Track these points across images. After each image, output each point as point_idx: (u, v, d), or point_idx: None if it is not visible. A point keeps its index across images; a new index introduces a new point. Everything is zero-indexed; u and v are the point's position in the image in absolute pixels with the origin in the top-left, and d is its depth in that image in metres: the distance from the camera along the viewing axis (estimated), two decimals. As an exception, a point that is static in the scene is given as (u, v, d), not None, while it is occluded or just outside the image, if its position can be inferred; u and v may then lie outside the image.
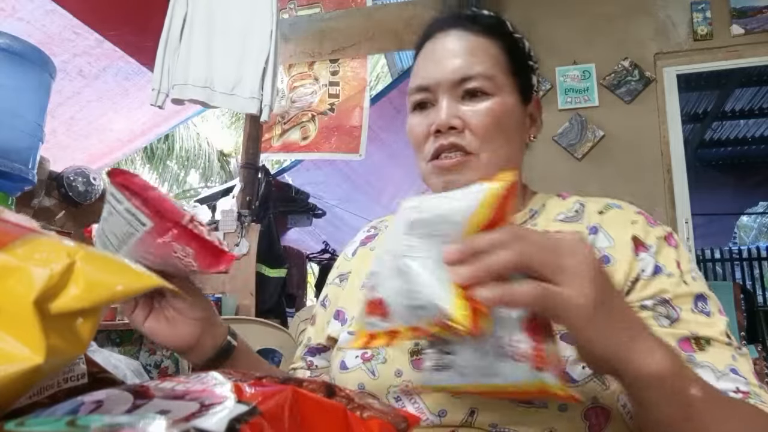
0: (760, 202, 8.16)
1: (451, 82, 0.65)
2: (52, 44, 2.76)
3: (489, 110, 0.65)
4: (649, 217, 0.65)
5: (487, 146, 0.65)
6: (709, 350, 0.56)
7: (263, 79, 2.68)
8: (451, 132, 0.64)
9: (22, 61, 1.98)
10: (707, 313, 0.58)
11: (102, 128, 3.51)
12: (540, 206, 0.71)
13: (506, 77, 0.67)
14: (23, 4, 2.59)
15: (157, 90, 2.64)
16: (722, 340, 0.56)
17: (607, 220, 0.65)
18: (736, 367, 0.54)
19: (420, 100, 0.68)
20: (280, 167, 4.97)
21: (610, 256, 0.61)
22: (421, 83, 0.68)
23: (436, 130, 0.65)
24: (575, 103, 3.04)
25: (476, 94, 0.65)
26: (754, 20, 2.85)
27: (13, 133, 1.97)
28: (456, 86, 0.65)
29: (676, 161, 2.84)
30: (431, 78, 0.67)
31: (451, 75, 0.65)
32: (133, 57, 3.12)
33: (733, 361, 0.55)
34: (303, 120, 3.63)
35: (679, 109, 2.93)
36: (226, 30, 2.75)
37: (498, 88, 0.66)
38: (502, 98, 0.66)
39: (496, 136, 0.65)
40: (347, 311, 0.73)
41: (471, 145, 0.64)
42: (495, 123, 0.65)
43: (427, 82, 0.67)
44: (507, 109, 0.66)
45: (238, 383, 0.27)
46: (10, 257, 0.25)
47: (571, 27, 3.12)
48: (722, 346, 0.56)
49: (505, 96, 0.66)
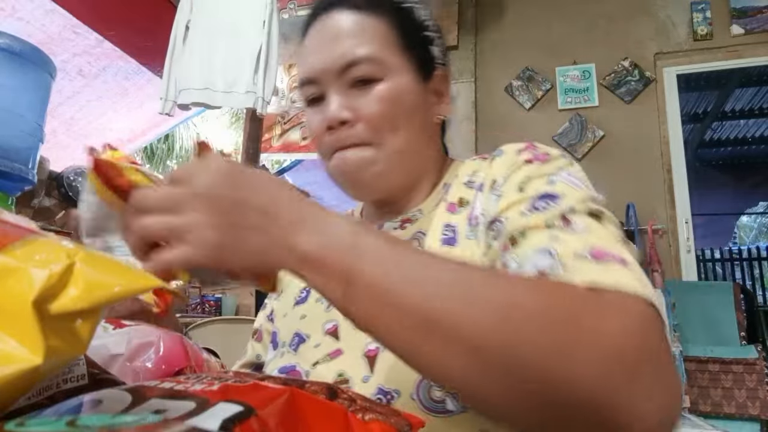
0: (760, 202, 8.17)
1: (335, 71, 0.59)
2: (52, 44, 2.76)
3: (380, 97, 0.58)
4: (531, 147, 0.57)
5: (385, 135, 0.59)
6: (522, 243, 0.45)
7: (256, 72, 2.69)
8: (343, 127, 0.59)
9: (22, 61, 1.98)
10: (541, 207, 0.47)
11: (102, 128, 3.51)
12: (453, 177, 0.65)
13: (397, 56, 0.60)
14: (23, 4, 2.59)
15: (164, 98, 2.67)
16: (546, 224, 0.45)
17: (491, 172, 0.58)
18: (552, 248, 0.42)
19: (311, 95, 0.62)
20: (280, 167, 4.97)
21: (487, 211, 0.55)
22: (306, 75, 0.62)
23: (328, 126, 0.59)
24: (575, 103, 3.04)
25: (365, 80, 0.59)
26: (754, 20, 2.85)
27: (13, 133, 1.97)
28: (341, 74, 0.59)
29: (676, 161, 2.85)
30: (315, 69, 0.61)
31: (333, 63, 0.59)
32: (133, 57, 3.12)
33: (550, 242, 0.42)
34: (303, 120, 3.63)
35: (679, 109, 2.94)
36: (224, 29, 2.76)
37: (388, 70, 0.59)
38: (395, 80, 0.59)
39: (393, 123, 0.59)
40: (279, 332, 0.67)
41: (367, 137, 0.59)
42: (389, 109, 0.59)
43: (312, 73, 0.61)
44: (401, 91, 0.60)
45: (237, 384, 0.27)
46: (9, 258, 0.25)
47: (571, 27, 3.12)
48: (542, 230, 0.44)
49: (397, 77, 0.60)
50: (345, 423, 0.28)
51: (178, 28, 2.76)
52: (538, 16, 3.21)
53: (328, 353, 0.57)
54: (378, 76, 0.59)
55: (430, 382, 0.48)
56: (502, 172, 0.55)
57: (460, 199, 0.60)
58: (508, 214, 0.49)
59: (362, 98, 0.59)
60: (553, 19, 3.17)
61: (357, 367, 0.54)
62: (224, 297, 3.04)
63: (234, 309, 3.04)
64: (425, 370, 0.35)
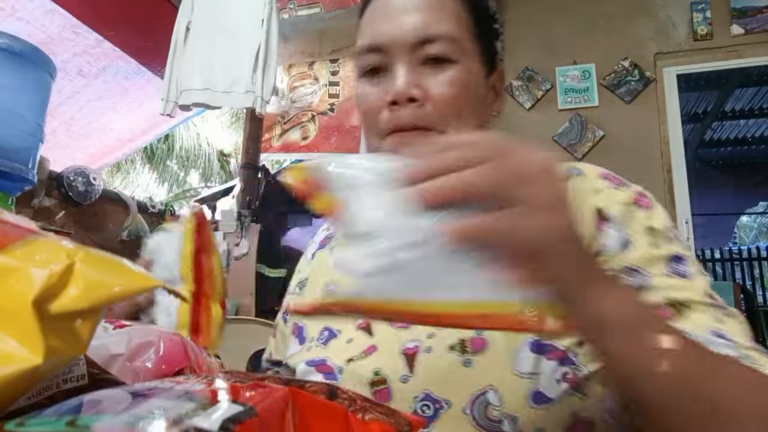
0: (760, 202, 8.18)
1: (409, 43, 0.55)
2: (52, 44, 2.76)
3: (453, 80, 0.55)
4: (615, 178, 0.58)
5: (452, 122, 0.55)
6: (689, 315, 0.47)
7: (255, 71, 2.69)
8: (410, 104, 0.54)
9: (22, 61, 1.98)
10: (684, 274, 0.50)
11: (102, 128, 3.51)
12: None
13: (471, 41, 0.57)
14: (23, 4, 2.59)
15: (165, 99, 2.68)
16: (703, 301, 0.48)
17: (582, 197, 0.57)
18: (722, 330, 0.45)
19: (372, 64, 0.57)
20: (280, 167, 4.97)
21: None
22: (372, 42, 0.57)
23: (392, 101, 0.55)
24: (575, 103, 3.04)
25: (439, 60, 0.55)
26: (754, 20, 2.85)
27: (13, 133, 1.97)
28: (415, 49, 0.55)
29: (676, 161, 2.85)
30: (385, 37, 0.56)
31: (409, 35, 0.55)
32: (133, 57, 3.12)
33: (717, 324, 0.46)
34: (303, 120, 3.63)
35: (679, 109, 2.94)
36: (224, 29, 2.76)
37: (463, 54, 0.56)
38: (467, 66, 0.56)
39: (462, 111, 0.56)
40: (306, 327, 0.64)
41: (433, 121, 0.55)
42: (460, 95, 0.55)
43: (381, 41, 0.56)
44: (471, 79, 0.57)
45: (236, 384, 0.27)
46: (9, 258, 0.25)
47: (571, 27, 3.12)
48: (704, 308, 0.47)
49: (468, 63, 0.57)
50: (345, 423, 0.28)
51: (179, 29, 2.76)
52: (538, 16, 3.21)
53: (363, 350, 0.55)
54: (453, 58, 0.55)
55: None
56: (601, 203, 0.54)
57: None
58: (651, 271, 0.50)
59: (433, 78, 0.55)
60: (553, 19, 3.17)
61: (394, 364, 0.52)
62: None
63: (234, 309, 3.04)
64: None
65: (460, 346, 0.51)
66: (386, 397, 0.52)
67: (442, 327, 0.48)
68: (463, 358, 0.50)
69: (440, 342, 0.52)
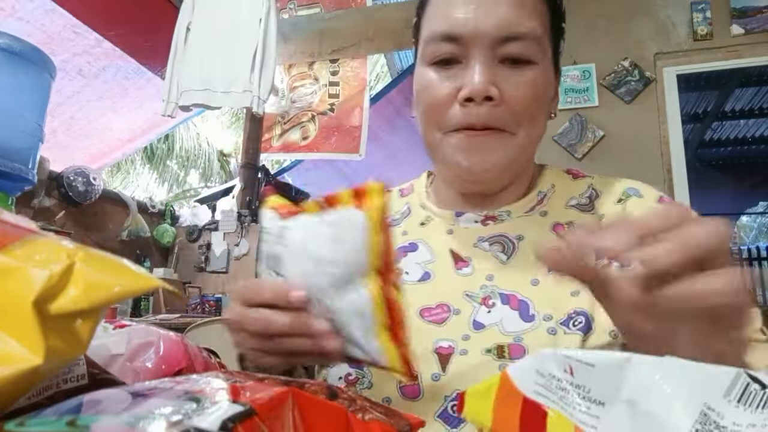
0: (760, 202, 8.17)
1: (492, 38, 0.51)
2: (52, 44, 2.76)
3: (533, 83, 0.52)
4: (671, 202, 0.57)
5: (526, 126, 0.53)
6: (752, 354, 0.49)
7: (253, 71, 2.70)
8: (486, 103, 0.51)
9: (22, 61, 1.98)
10: None
11: (102, 128, 3.51)
12: (549, 187, 0.61)
13: (548, 43, 0.56)
14: (23, 4, 2.59)
15: (166, 100, 2.68)
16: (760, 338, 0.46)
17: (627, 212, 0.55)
18: None
19: (446, 54, 0.53)
20: (280, 167, 4.97)
21: None
22: (450, 30, 0.52)
23: (468, 98, 0.51)
24: (575, 103, 3.04)
25: (518, 60, 0.52)
26: (754, 20, 2.85)
27: (13, 133, 1.97)
28: (496, 45, 0.51)
29: (676, 161, 2.85)
30: (467, 27, 0.51)
31: (493, 29, 0.51)
32: (133, 57, 3.12)
33: None
34: (303, 120, 3.63)
35: (679, 109, 2.94)
36: (224, 30, 2.76)
37: (543, 56, 0.54)
38: (545, 68, 0.54)
39: (535, 114, 0.54)
40: None
41: (506, 123, 0.52)
42: (535, 98, 0.53)
43: (461, 30, 0.52)
44: (547, 82, 0.55)
45: (236, 384, 0.27)
46: (9, 258, 0.25)
47: (571, 27, 3.10)
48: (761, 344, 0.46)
49: (546, 65, 0.55)
50: (345, 423, 0.28)
51: (180, 29, 2.77)
52: (538, 16, 3.21)
53: None
54: (534, 59, 0.53)
55: None
56: None
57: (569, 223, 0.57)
58: None
59: (512, 79, 0.52)
60: (553, 19, 3.17)
61: (426, 362, 0.52)
62: (224, 297, 3.05)
63: (234, 309, 3.04)
64: None
65: (497, 350, 0.51)
66: (415, 393, 0.51)
67: None
68: (500, 362, 0.50)
69: (476, 345, 0.52)
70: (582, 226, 0.34)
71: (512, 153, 0.54)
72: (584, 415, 0.26)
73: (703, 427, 0.23)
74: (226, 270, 3.23)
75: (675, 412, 0.23)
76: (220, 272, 3.25)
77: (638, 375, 0.25)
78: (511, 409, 0.27)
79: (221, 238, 3.28)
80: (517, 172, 0.59)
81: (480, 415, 0.29)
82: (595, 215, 0.57)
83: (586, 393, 0.26)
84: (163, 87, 2.75)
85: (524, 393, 0.27)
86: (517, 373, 0.28)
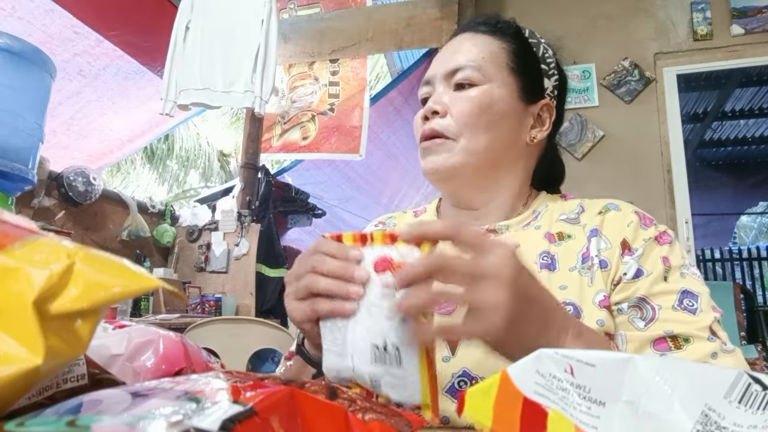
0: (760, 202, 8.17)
1: (444, 73, 0.69)
2: (52, 44, 2.76)
3: (471, 98, 0.66)
4: (646, 217, 0.65)
5: (466, 132, 0.66)
6: (687, 348, 0.54)
7: (254, 71, 2.69)
8: (434, 116, 0.67)
9: (22, 61, 1.98)
10: (693, 310, 0.56)
11: (102, 128, 3.51)
12: (543, 207, 0.72)
13: (502, 72, 0.69)
14: (23, 4, 2.59)
15: (165, 99, 2.68)
16: (703, 336, 0.54)
17: (606, 222, 0.65)
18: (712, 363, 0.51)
19: (423, 93, 0.72)
20: (280, 167, 4.96)
21: (606, 259, 0.62)
22: (425, 78, 0.73)
23: (424, 116, 0.69)
24: (575, 103, 3.04)
25: (464, 84, 0.68)
26: (754, 20, 2.85)
27: (13, 133, 1.97)
28: (449, 77, 0.69)
29: (676, 161, 2.85)
30: (432, 72, 0.71)
31: (444, 67, 0.69)
32: (133, 57, 3.12)
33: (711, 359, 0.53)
34: (303, 120, 3.63)
35: (679, 109, 2.94)
36: (224, 29, 2.76)
37: (487, 80, 0.67)
38: (491, 89, 0.67)
39: (477, 124, 0.66)
40: None
41: (449, 130, 0.66)
42: (476, 110, 0.66)
43: (429, 76, 0.72)
44: (494, 100, 0.67)
45: (236, 384, 0.27)
46: (9, 258, 0.25)
47: (571, 27, 3.12)
48: (703, 342, 0.54)
49: (495, 88, 0.67)
50: (345, 423, 0.28)
51: (178, 29, 2.76)
52: (538, 15, 3.21)
53: None
54: (476, 82, 0.67)
55: None
56: (629, 235, 0.62)
57: (559, 233, 0.67)
58: (660, 302, 0.57)
59: (457, 97, 0.68)
60: (553, 19, 3.16)
61: (438, 347, 0.57)
62: (224, 297, 3.04)
63: (234, 309, 3.04)
64: None
65: None
66: None
67: None
68: None
69: None
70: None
71: (456, 156, 0.66)
72: (585, 415, 0.26)
73: (704, 427, 0.23)
74: (226, 270, 3.23)
75: (676, 413, 0.23)
76: (220, 272, 3.25)
77: (639, 375, 0.25)
78: (512, 409, 0.27)
79: (221, 238, 3.28)
80: (487, 179, 0.69)
81: (480, 415, 0.29)
82: (579, 225, 0.67)
83: (586, 393, 0.26)
84: (162, 86, 2.75)
85: (524, 393, 0.28)
86: (517, 373, 0.28)
